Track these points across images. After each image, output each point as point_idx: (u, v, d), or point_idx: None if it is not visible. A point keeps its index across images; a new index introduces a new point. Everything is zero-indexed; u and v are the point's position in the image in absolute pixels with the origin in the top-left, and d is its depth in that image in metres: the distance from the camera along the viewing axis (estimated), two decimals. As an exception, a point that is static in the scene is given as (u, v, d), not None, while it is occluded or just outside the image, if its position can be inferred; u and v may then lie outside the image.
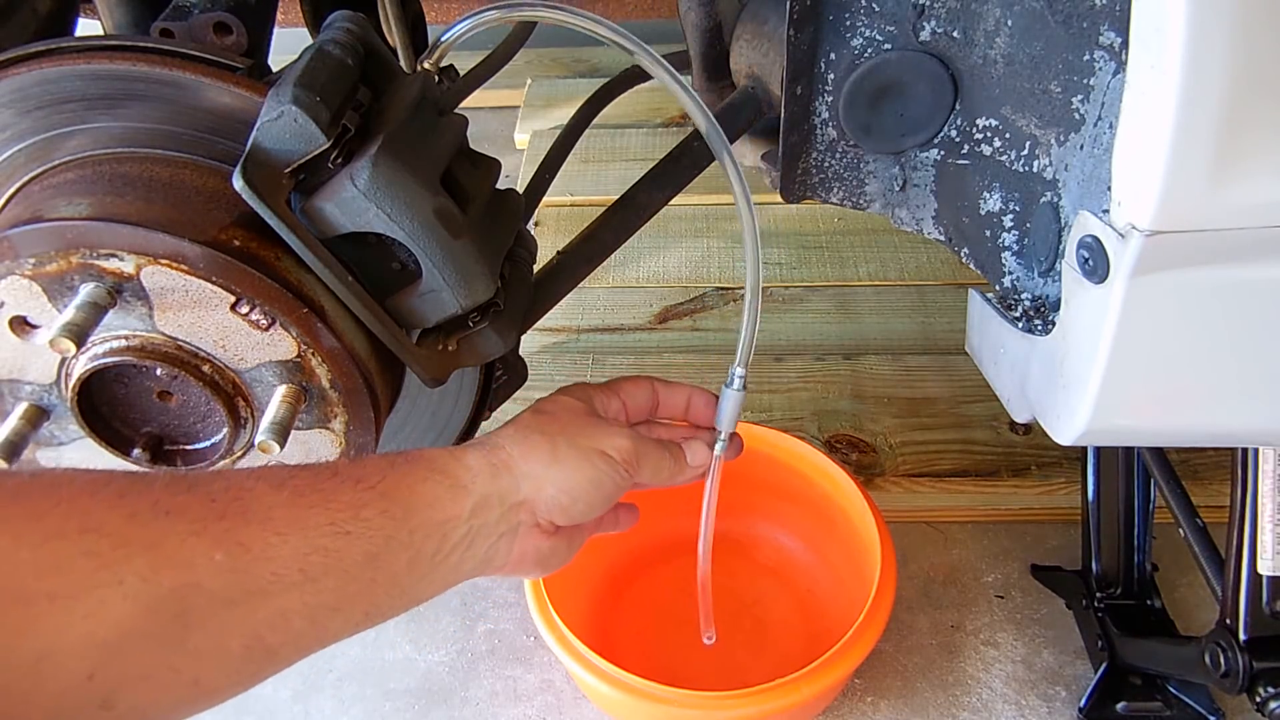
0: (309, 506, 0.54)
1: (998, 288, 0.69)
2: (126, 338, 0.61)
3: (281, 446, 0.61)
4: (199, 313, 0.60)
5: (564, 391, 0.72)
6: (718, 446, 0.75)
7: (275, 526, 0.52)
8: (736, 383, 0.73)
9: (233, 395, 0.63)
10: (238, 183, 0.54)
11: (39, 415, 0.64)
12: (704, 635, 0.86)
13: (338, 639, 0.55)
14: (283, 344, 0.61)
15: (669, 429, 0.77)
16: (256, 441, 0.61)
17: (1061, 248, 0.61)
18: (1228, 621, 0.82)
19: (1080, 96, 0.58)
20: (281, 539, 0.51)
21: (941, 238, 0.75)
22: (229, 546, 0.49)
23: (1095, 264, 0.55)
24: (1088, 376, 0.58)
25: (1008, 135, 0.66)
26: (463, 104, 0.75)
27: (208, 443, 0.67)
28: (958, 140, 0.69)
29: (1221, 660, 0.82)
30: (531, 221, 1.41)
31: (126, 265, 0.58)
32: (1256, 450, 0.78)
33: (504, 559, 0.64)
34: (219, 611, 0.48)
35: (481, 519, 0.61)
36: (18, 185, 0.65)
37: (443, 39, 0.66)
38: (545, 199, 0.98)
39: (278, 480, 0.54)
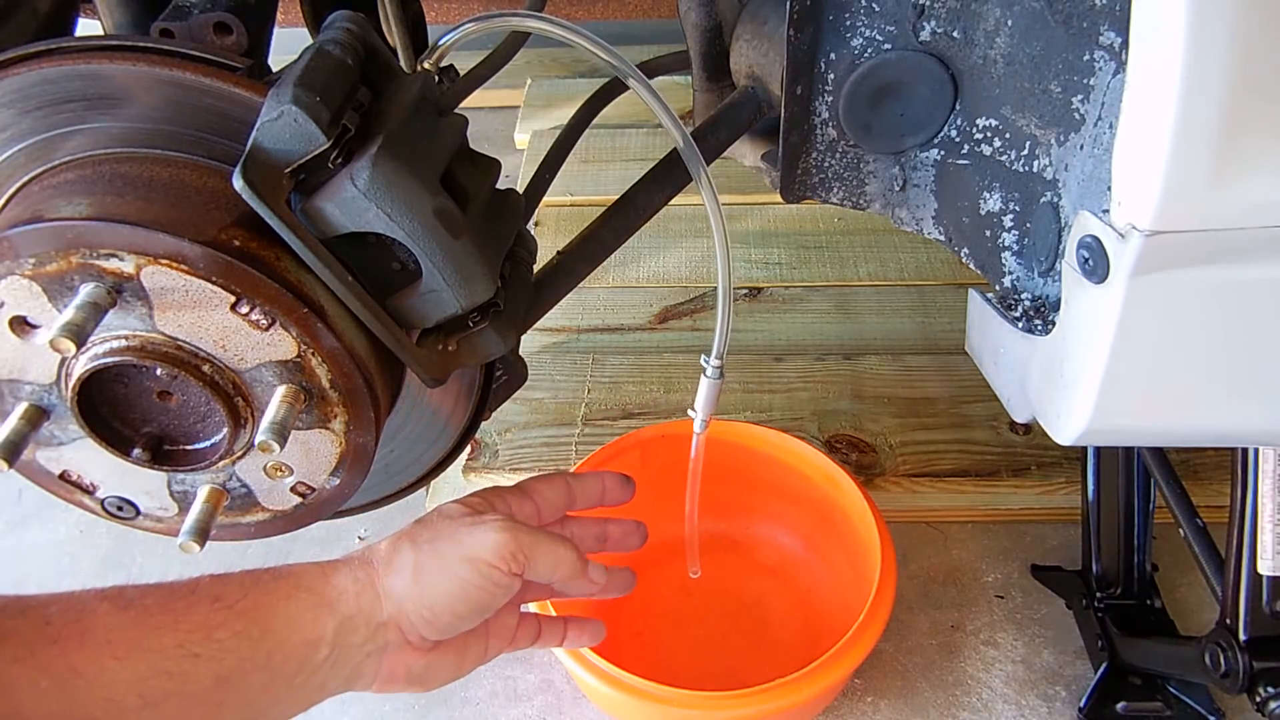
0: (156, 628, 0.52)
1: (998, 288, 0.69)
2: (126, 338, 0.61)
3: (281, 446, 0.61)
4: (199, 313, 0.60)
5: (472, 494, 0.71)
6: (697, 424, 0.85)
7: (114, 650, 0.49)
8: (711, 371, 0.82)
9: (233, 395, 0.63)
10: (238, 183, 0.54)
11: (39, 415, 0.64)
12: (690, 570, 0.97)
13: None
14: (283, 344, 0.61)
15: (583, 524, 0.78)
16: (256, 441, 0.61)
17: (1061, 248, 0.61)
18: (1228, 621, 0.82)
19: (1080, 96, 0.58)
20: (120, 663, 0.49)
21: (941, 238, 0.75)
22: (58, 672, 0.47)
23: (1095, 264, 0.55)
24: (1088, 376, 0.58)
25: (1008, 135, 0.66)
26: (463, 104, 0.75)
27: (208, 443, 0.67)
28: (958, 140, 0.69)
29: (1221, 660, 0.82)
30: (531, 221, 1.41)
31: (126, 265, 0.58)
32: (1256, 450, 0.78)
33: (371, 677, 0.62)
34: None
35: (346, 640, 0.60)
36: (18, 185, 0.65)
37: (442, 41, 0.66)
38: (545, 199, 0.98)
39: (125, 600, 0.52)
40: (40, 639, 0.48)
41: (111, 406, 0.66)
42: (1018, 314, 0.66)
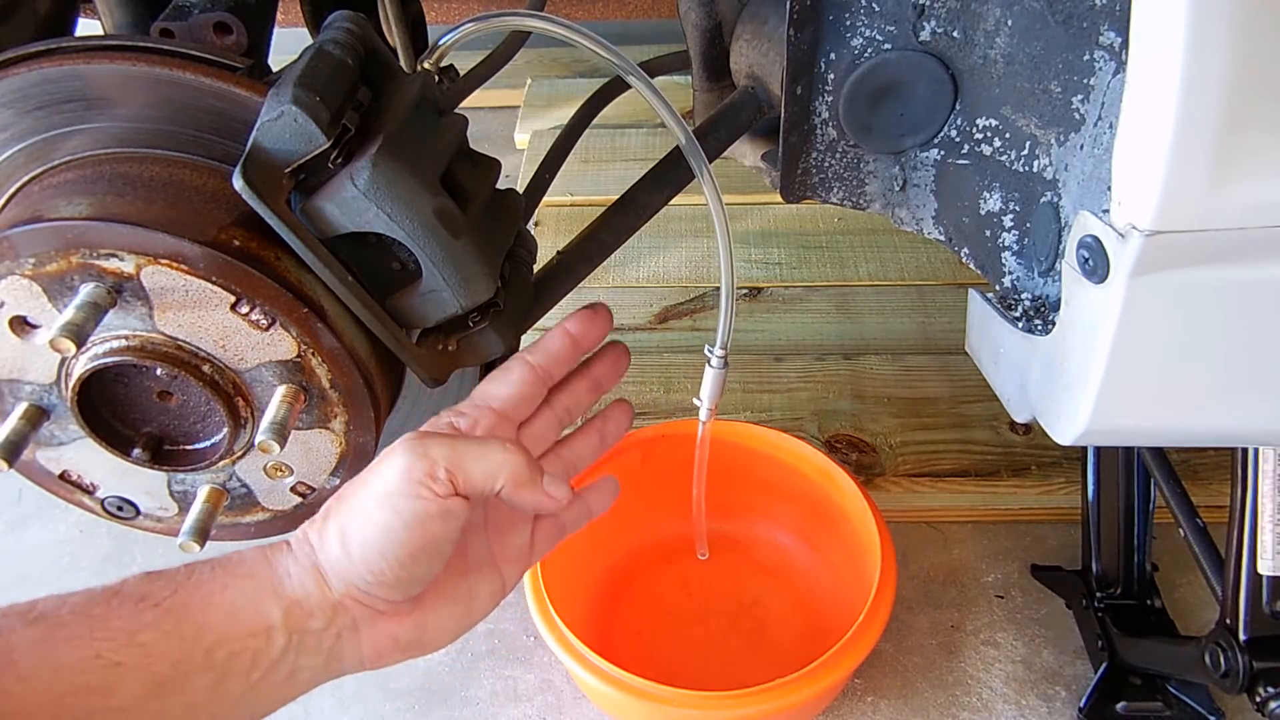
0: (66, 640, 0.47)
1: (998, 288, 0.69)
2: (126, 338, 0.61)
3: (281, 446, 0.61)
4: (199, 313, 0.60)
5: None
6: (703, 413, 0.83)
7: (18, 670, 0.45)
8: (715, 361, 0.81)
9: (233, 395, 0.63)
10: (238, 183, 0.54)
11: (39, 415, 0.64)
12: (699, 552, 0.98)
13: None
14: (283, 344, 0.61)
15: (583, 435, 0.71)
16: (256, 441, 0.61)
17: (1061, 248, 0.61)
18: (1228, 621, 0.82)
19: (1080, 96, 0.58)
20: (26, 684, 0.45)
21: (941, 238, 0.75)
22: None
23: (1095, 264, 0.55)
24: (1088, 377, 0.58)
25: (1008, 135, 0.66)
26: (463, 104, 0.75)
27: (208, 443, 0.67)
28: (958, 140, 0.69)
29: (1221, 660, 0.82)
30: (531, 221, 1.41)
31: (126, 265, 0.58)
32: (1256, 450, 0.78)
33: (356, 657, 0.56)
34: None
35: (303, 625, 0.53)
36: (18, 185, 0.65)
37: (442, 41, 0.66)
38: (545, 199, 0.98)
39: (35, 614, 0.48)
40: None
41: (111, 406, 0.66)
42: (1018, 314, 0.66)
